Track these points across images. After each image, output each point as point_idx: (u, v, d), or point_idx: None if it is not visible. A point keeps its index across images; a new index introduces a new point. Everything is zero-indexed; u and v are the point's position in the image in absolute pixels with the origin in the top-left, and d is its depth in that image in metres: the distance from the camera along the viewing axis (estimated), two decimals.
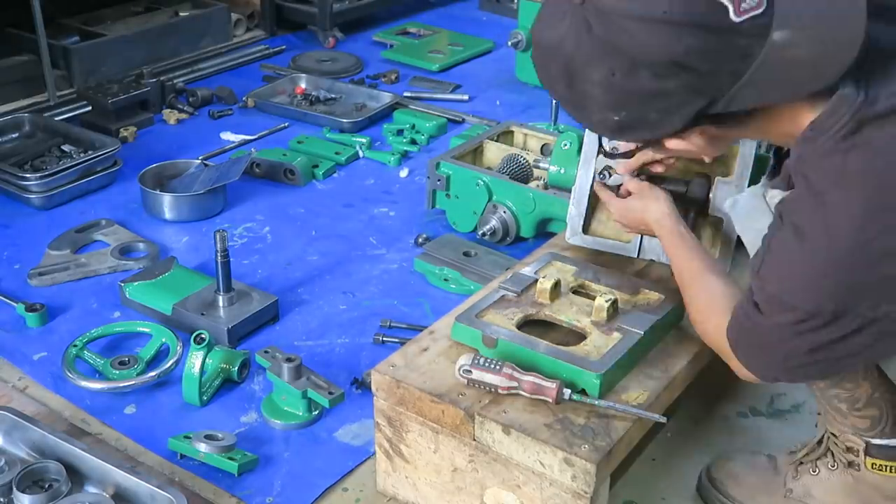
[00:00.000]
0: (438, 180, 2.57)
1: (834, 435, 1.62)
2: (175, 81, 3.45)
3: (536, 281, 1.79)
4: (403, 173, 2.93)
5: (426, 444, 1.64)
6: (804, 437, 1.92)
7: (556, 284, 1.77)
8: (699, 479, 1.78)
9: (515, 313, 1.73)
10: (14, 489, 1.61)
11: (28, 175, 2.65)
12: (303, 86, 3.50)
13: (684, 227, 1.72)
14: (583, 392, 1.57)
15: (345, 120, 3.21)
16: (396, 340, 2.11)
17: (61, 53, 3.36)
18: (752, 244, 1.58)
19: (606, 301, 1.70)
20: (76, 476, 1.68)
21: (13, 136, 2.99)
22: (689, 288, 1.63)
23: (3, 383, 2.01)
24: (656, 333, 1.71)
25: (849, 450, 1.60)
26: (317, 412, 1.91)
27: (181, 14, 3.97)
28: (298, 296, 2.33)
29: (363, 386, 1.99)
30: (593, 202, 2.01)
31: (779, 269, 1.32)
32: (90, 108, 3.20)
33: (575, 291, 1.81)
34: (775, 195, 1.52)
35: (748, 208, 1.67)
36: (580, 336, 1.68)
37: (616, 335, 1.66)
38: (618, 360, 1.59)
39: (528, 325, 1.72)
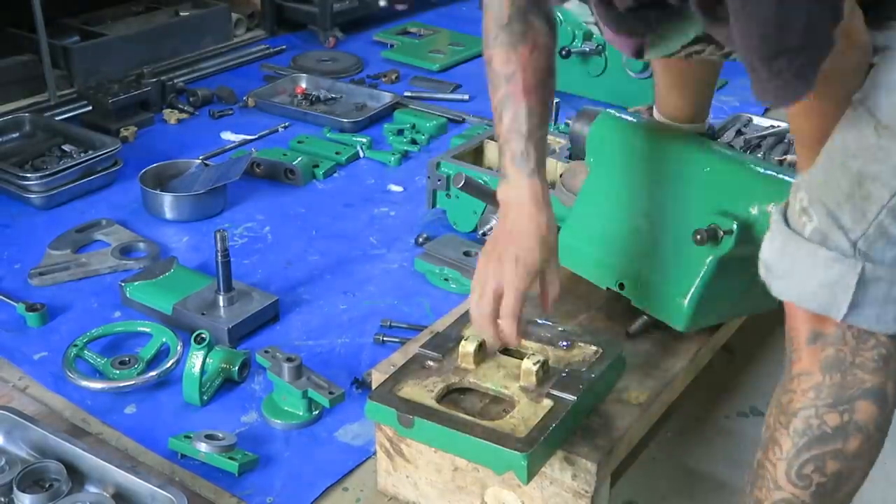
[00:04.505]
0: (439, 180, 2.57)
1: None
2: (175, 81, 3.45)
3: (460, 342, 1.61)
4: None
5: None
6: None
7: (481, 346, 1.58)
8: None
9: (436, 383, 1.55)
10: (14, 489, 1.61)
11: (28, 175, 2.65)
12: (303, 85, 3.50)
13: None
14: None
15: (345, 120, 3.21)
16: (397, 340, 2.11)
17: (61, 53, 3.36)
18: None
19: (535, 364, 1.53)
20: (76, 476, 1.68)
21: (13, 136, 2.99)
22: None
23: (4, 383, 2.01)
24: (593, 395, 1.56)
25: None
26: (317, 412, 1.91)
27: (181, 14, 3.97)
28: (299, 296, 2.33)
29: (363, 386, 1.99)
30: None
31: None
32: (90, 107, 3.20)
33: (505, 349, 1.62)
34: None
35: None
36: (511, 403, 1.53)
37: (546, 403, 1.50)
38: (546, 437, 1.43)
39: (455, 392, 1.57)
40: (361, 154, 3.05)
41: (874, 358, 1.20)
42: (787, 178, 1.62)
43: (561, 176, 2.19)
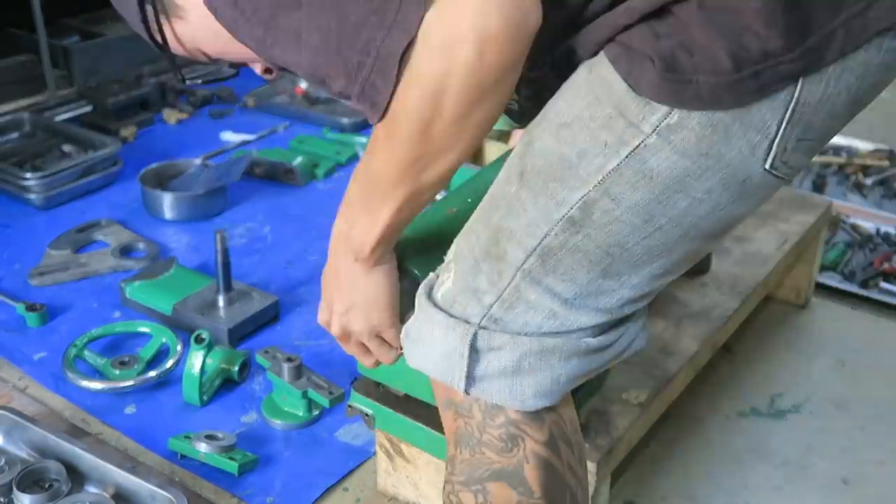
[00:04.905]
0: None
1: None
2: (175, 81, 3.45)
3: None
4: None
5: None
6: (804, 436, 1.92)
7: None
8: None
9: None
10: (14, 489, 1.61)
11: (28, 175, 2.65)
12: (303, 86, 3.50)
13: None
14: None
15: (345, 119, 3.21)
16: None
17: (62, 53, 3.36)
18: None
19: None
20: (76, 476, 1.68)
21: (13, 136, 2.99)
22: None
23: (4, 383, 2.01)
24: None
25: None
26: (317, 412, 1.91)
27: None
28: (299, 296, 2.33)
29: None
30: None
31: None
32: (90, 107, 3.20)
33: None
34: None
35: None
36: None
37: None
38: None
39: None
40: (361, 154, 3.05)
41: (502, 437, 1.06)
42: None
43: None
